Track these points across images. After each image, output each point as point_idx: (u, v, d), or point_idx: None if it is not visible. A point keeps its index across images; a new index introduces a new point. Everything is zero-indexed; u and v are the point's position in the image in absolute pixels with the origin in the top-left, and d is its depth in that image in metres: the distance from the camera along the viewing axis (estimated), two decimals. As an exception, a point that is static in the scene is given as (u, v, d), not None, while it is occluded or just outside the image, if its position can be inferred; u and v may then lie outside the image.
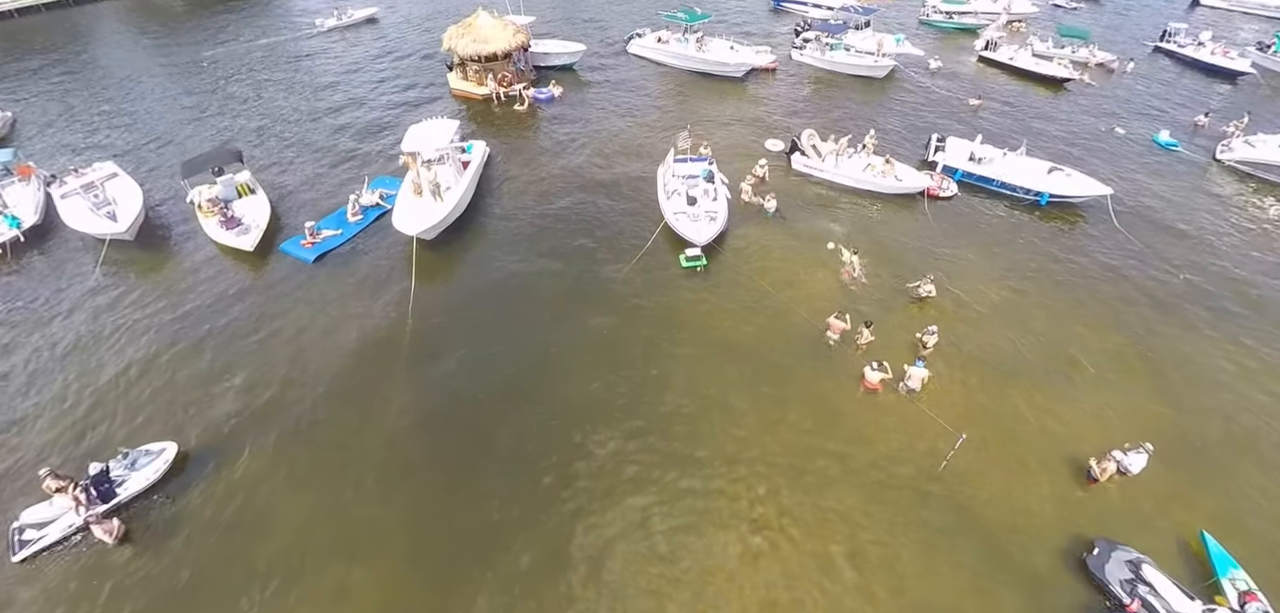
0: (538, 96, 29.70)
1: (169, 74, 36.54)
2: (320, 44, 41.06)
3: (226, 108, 30.93)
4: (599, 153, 25.58)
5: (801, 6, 42.95)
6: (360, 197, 21.54)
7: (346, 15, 43.20)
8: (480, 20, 29.00)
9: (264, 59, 38.49)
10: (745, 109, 29.46)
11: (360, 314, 17.57)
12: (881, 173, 22.14)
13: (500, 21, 29.61)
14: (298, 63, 37.68)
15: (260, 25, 46.02)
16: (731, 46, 32.37)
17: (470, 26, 29.04)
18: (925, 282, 17.25)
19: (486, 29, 28.73)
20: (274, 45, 41.11)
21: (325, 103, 31.02)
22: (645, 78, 33.05)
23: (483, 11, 29.43)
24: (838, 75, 32.86)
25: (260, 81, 34.48)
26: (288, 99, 31.60)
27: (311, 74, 35.47)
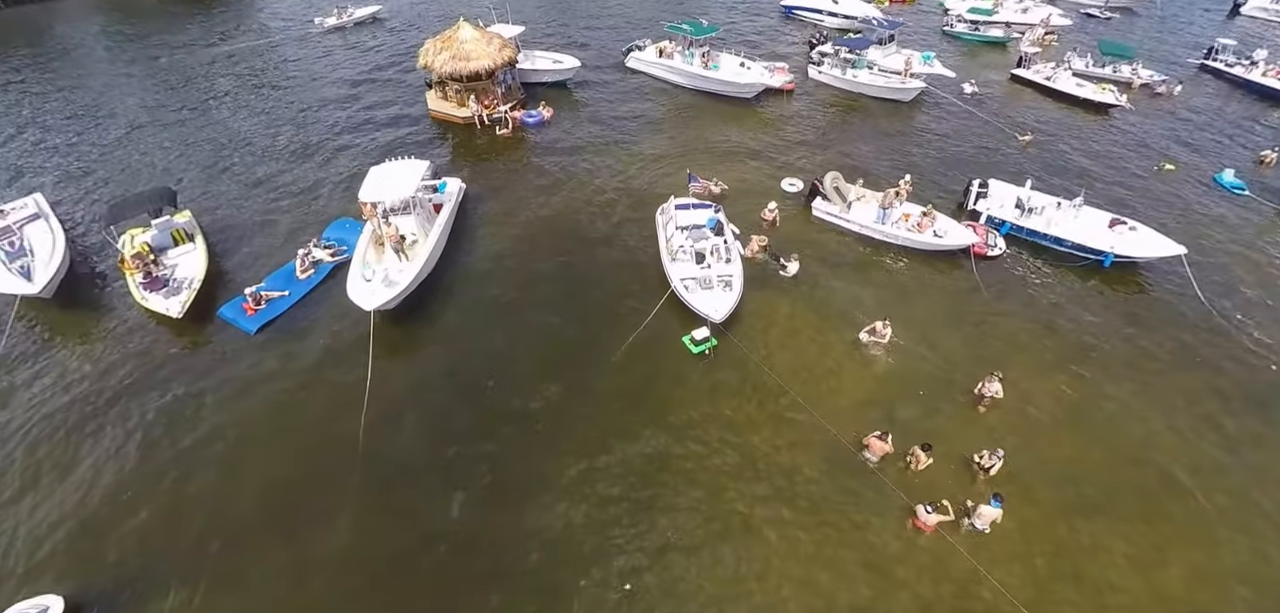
0: (526, 120, 26.63)
1: (127, 83, 33.36)
2: (303, 48, 37.92)
3: (178, 129, 27.76)
4: (591, 188, 22.54)
5: (814, 14, 39.79)
6: (311, 251, 18.56)
7: (348, 13, 40.28)
8: (462, 34, 25.83)
9: (237, 65, 35.30)
10: (756, 136, 26.34)
11: (306, 406, 14.65)
12: (919, 226, 19.19)
13: (484, 35, 26.44)
14: (274, 70, 34.53)
15: (242, 25, 42.78)
16: (742, 63, 29.26)
17: (449, 41, 25.84)
18: (990, 379, 14.31)
19: (469, 45, 25.58)
20: (255, 48, 37.94)
21: (291, 122, 27.89)
22: (646, 97, 29.93)
23: (465, 25, 26.25)
24: (859, 97, 29.72)
25: (222, 95, 31.28)
26: (248, 118, 28.46)
27: (284, 85, 32.30)
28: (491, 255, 19.50)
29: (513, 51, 26.86)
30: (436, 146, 25.69)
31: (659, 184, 22.55)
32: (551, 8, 44.48)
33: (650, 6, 44.27)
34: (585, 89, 30.57)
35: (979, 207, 20.65)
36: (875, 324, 15.70)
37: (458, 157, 25.03)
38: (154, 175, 24.04)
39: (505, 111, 26.51)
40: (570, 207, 21.61)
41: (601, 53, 35.35)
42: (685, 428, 13.89)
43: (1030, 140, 25.98)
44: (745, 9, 44.14)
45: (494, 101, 26.65)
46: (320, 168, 24.12)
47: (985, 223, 20.12)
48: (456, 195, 20.73)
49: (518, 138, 26.22)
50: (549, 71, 29.58)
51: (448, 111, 26.83)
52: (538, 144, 25.69)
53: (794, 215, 21.16)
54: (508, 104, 26.89)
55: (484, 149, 25.54)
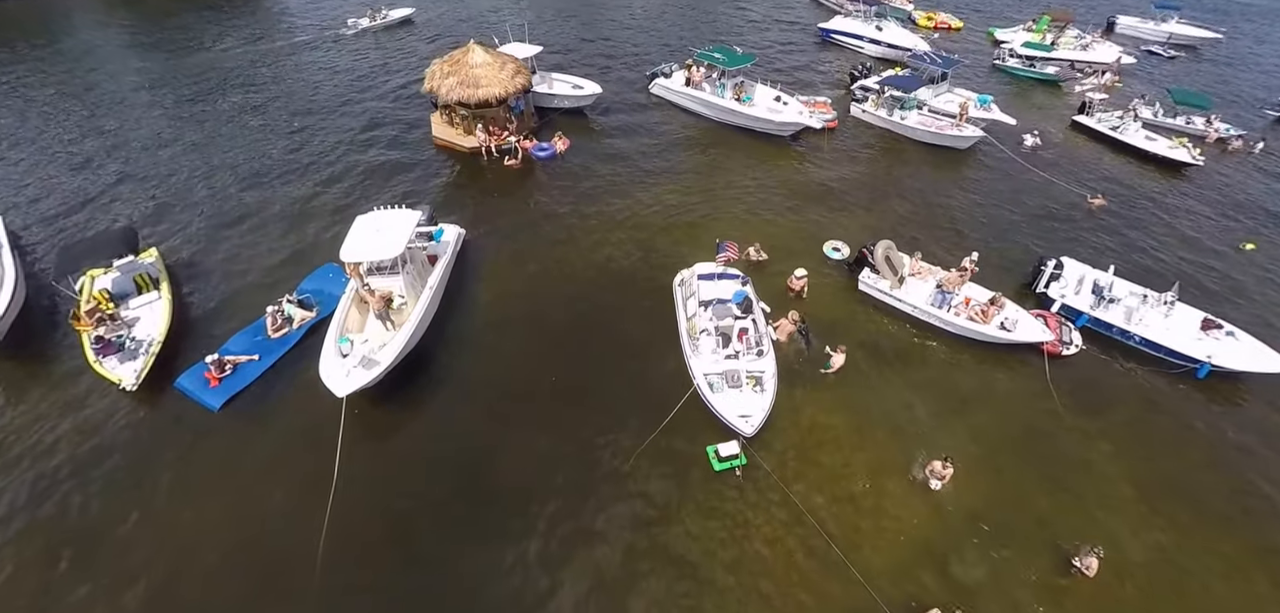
0: (537, 153, 24.31)
1: (114, 90, 31.63)
2: (313, 54, 36.14)
3: (159, 147, 25.89)
4: (606, 242, 20.12)
5: (854, 40, 37.03)
6: (283, 306, 16.45)
7: (382, 16, 39.05)
8: (473, 57, 23.58)
9: (236, 72, 33.48)
10: (791, 182, 23.78)
11: (265, 506, 12.52)
12: (983, 313, 16.63)
13: (496, 59, 24.19)
14: (277, 79, 32.65)
15: (252, 28, 41.05)
16: (778, 97, 26.68)
17: (459, 63, 23.61)
18: (1086, 550, 11.67)
19: (479, 69, 23.32)
20: (261, 54, 36.15)
21: (284, 142, 25.86)
22: (669, 129, 27.45)
23: (475, 47, 23.98)
24: (906, 141, 26.97)
25: (215, 106, 29.39)
26: (239, 136, 26.46)
27: (284, 97, 30.34)
28: (490, 321, 17.22)
29: (526, 78, 24.62)
30: (437, 179, 23.50)
31: (680, 239, 20.12)
32: (574, 24, 42.08)
33: (679, 27, 41.59)
34: (605, 116, 28.20)
35: (1051, 290, 18.04)
36: (934, 464, 13.13)
37: (460, 192, 22.79)
38: (125, 201, 22.02)
39: (515, 142, 24.31)
40: (581, 263, 19.24)
41: (624, 76, 32.97)
42: (701, 581, 11.55)
43: (1101, 203, 23.03)
44: (779, 30, 41.54)
45: (504, 130, 24.46)
46: (309, 200, 21.95)
47: (1058, 311, 17.52)
48: (454, 245, 18.49)
49: (527, 171, 23.99)
50: (567, 98, 27.29)
51: (452, 139, 24.62)
52: (549, 181, 23.40)
53: (833, 284, 18.68)
54: (519, 133, 24.70)
55: (490, 184, 23.29)
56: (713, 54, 27.65)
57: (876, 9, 36.50)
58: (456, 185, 23.11)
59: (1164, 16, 43.25)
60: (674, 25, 42.07)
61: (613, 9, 45.48)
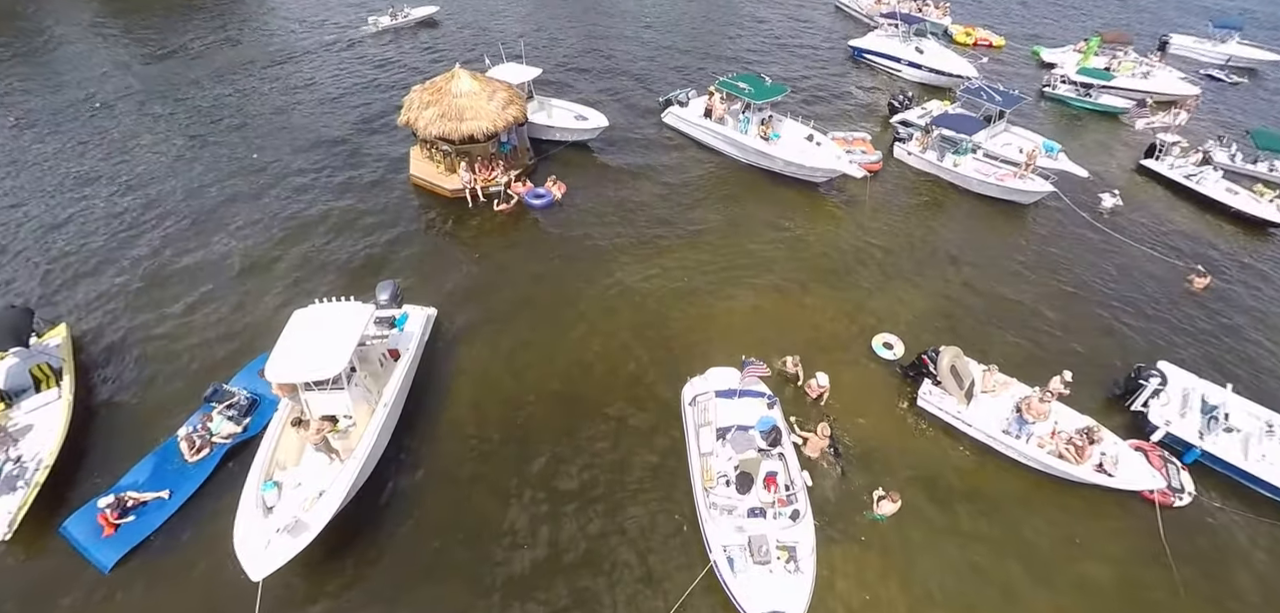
0: (530, 200, 20.88)
1: (63, 106, 28.41)
2: (304, 64, 32.93)
3: (94, 181, 22.79)
4: (606, 330, 16.74)
5: (889, 62, 33.17)
6: (206, 422, 13.27)
7: (403, 14, 37.40)
8: (456, 85, 20.14)
9: (213, 82, 30.25)
10: (822, 240, 20.34)
11: None
12: (1076, 451, 13.36)
13: (486, 87, 20.70)
14: (256, 94, 29.47)
15: (240, 31, 37.70)
16: (810, 135, 23.12)
17: (440, 93, 20.17)
18: None
19: (464, 100, 19.90)
20: (247, 60, 32.95)
21: (242, 178, 22.59)
22: (684, 172, 23.86)
23: (461, 74, 20.51)
24: (956, 188, 23.36)
25: (178, 123, 26.28)
26: (191, 168, 23.23)
27: (258, 116, 27.09)
28: (461, 436, 13.90)
29: (520, 108, 21.18)
30: (412, 233, 20.10)
31: (693, 326, 16.80)
32: (576, 35, 38.40)
33: (694, 42, 37.58)
34: (611, 152, 24.72)
35: (1148, 411, 14.71)
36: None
37: (437, 251, 19.42)
38: (29, 261, 18.79)
39: (506, 184, 21.00)
40: (574, 359, 15.86)
41: (633, 100, 29.35)
42: None
43: (1206, 284, 19.13)
44: (804, 45, 37.70)
45: (492, 169, 21.14)
46: (261, 263, 18.61)
47: (1161, 441, 14.23)
48: (422, 331, 15.26)
49: (518, 221, 20.60)
50: (568, 130, 23.81)
51: (432, 180, 21.24)
52: (542, 239, 20.02)
53: (882, 391, 15.39)
54: (510, 173, 21.36)
55: (473, 240, 19.89)
56: (737, 83, 23.87)
57: (915, 26, 32.69)
58: (434, 241, 19.75)
59: (1223, 36, 39.26)
60: (688, 39, 38.20)
61: (621, 19, 41.86)
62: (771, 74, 32.63)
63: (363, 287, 17.31)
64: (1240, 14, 44.61)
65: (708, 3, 44.69)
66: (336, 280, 17.83)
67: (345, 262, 18.72)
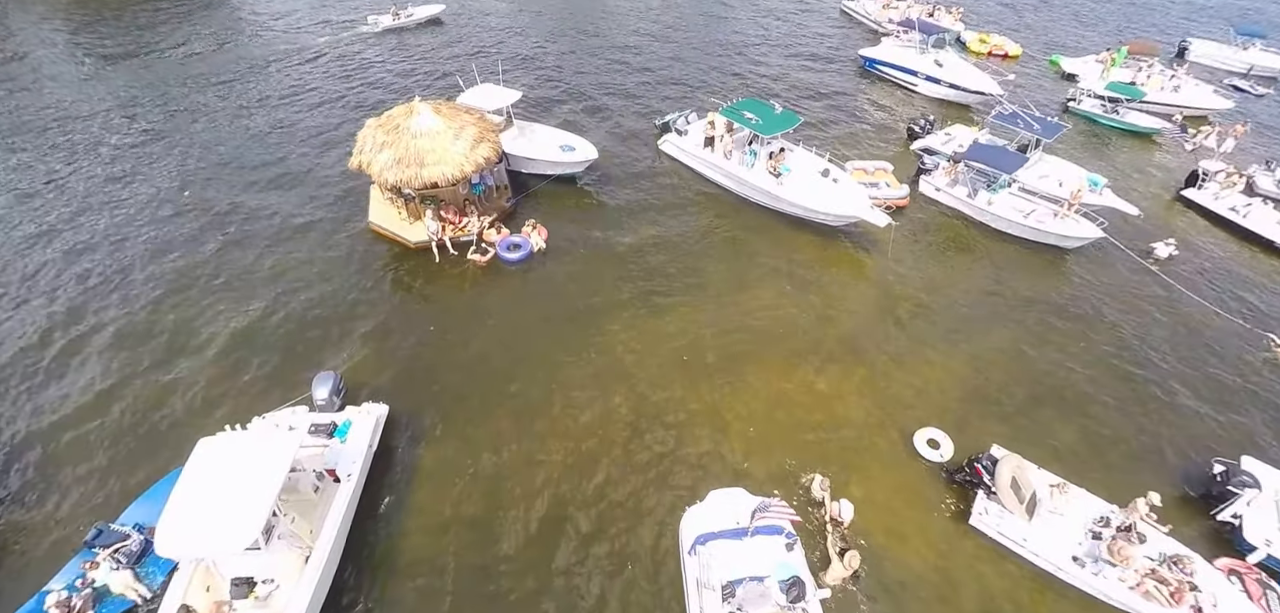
0: (505, 252, 17.90)
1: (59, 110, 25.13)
2: (276, 75, 29.85)
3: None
4: (597, 416, 14.01)
5: (904, 75, 30.28)
6: (93, 568, 10.42)
7: (406, 14, 35.65)
8: (417, 123, 17.06)
9: (163, 96, 26.96)
10: (846, 307, 17.57)
11: None
12: (1171, 596, 10.85)
13: (452, 121, 17.61)
14: (218, 107, 26.31)
15: (208, 34, 34.31)
16: (825, 170, 20.13)
17: (396, 130, 17.13)
18: None
19: (426, 140, 16.87)
20: (209, 71, 29.71)
21: (164, 230, 19.53)
22: (682, 212, 20.94)
23: (422, 108, 17.42)
24: (989, 230, 20.57)
25: (116, 148, 23.07)
26: (96, 227, 20.11)
27: (194, 145, 23.81)
28: (417, 580, 11.15)
29: (494, 146, 18.09)
30: (365, 292, 17.16)
31: (693, 435, 13.90)
32: (574, 45, 35.26)
33: (698, 54, 34.26)
34: (601, 186, 21.77)
35: (1244, 525, 12.27)
36: None
37: (394, 317, 16.48)
38: None
39: (479, 232, 18.18)
40: (559, 463, 13.12)
41: (629, 124, 26.34)
42: None
43: None
44: (811, 55, 34.76)
45: (462, 216, 18.30)
46: (179, 347, 15.48)
47: (1259, 562, 11.80)
48: (370, 438, 12.37)
49: (491, 280, 17.65)
50: (553, 163, 20.81)
51: (394, 229, 18.27)
52: (522, 296, 17.13)
53: (922, 495, 12.83)
54: (484, 219, 18.51)
55: (440, 302, 16.99)
56: (743, 112, 20.88)
57: (933, 37, 29.89)
58: (392, 307, 16.76)
59: (1245, 43, 37.03)
60: (686, 47, 35.15)
61: (616, 27, 38.86)
62: (775, 88, 30.05)
63: (300, 370, 14.56)
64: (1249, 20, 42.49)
65: (706, 10, 41.73)
66: (266, 367, 14.91)
67: (282, 336, 15.78)
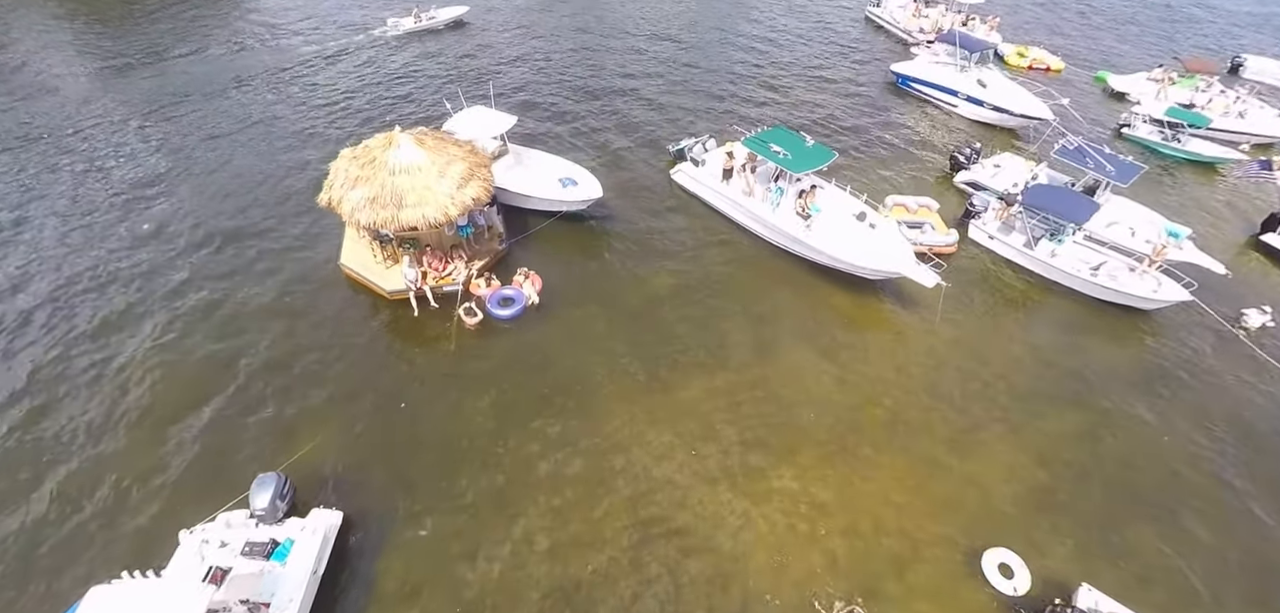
0: (495, 307, 15.40)
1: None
2: (265, 88, 27.47)
3: None
4: (596, 546, 11.53)
5: (944, 99, 27.41)
6: None
7: (428, 16, 34.02)
8: (396, 156, 14.56)
9: (156, 109, 24.78)
10: (888, 382, 15.03)
11: None
12: None
13: (438, 154, 15.12)
14: (205, 123, 24.03)
15: (203, 39, 32.14)
16: (861, 214, 17.47)
17: (373, 164, 14.70)
18: None
19: (405, 177, 14.40)
20: (190, 83, 27.47)
21: (109, 265, 17.26)
22: (701, 255, 18.43)
23: (403, 140, 14.93)
24: (1050, 284, 17.92)
25: (75, 171, 20.79)
26: (64, 258, 17.89)
27: (188, 167, 21.59)
28: None
29: (485, 184, 15.57)
30: (326, 356, 14.71)
31: (704, 521, 11.71)
32: (581, 55, 32.63)
33: (721, 68, 31.12)
34: (606, 225, 19.27)
35: None
36: None
37: (359, 388, 14.03)
38: None
39: (465, 281, 15.80)
40: (546, 585, 10.74)
41: (632, 147, 23.78)
42: None
43: None
44: (836, 70, 31.90)
45: (447, 261, 15.97)
46: (108, 431, 13.11)
47: None
48: (314, 566, 9.98)
49: (479, 336, 15.21)
50: (552, 200, 18.26)
51: (368, 275, 15.87)
52: (509, 361, 14.66)
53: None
54: (472, 266, 16.18)
55: (413, 367, 14.55)
56: (769, 145, 18.20)
57: (976, 53, 26.95)
58: (357, 376, 14.30)
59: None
60: (722, 71, 31.36)
61: (631, 34, 36.34)
62: (800, 111, 27.43)
63: (246, 455, 12.36)
64: None
65: (725, 23, 39.11)
66: (204, 453, 12.57)
67: (229, 411, 13.42)
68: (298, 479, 11.74)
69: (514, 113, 19.56)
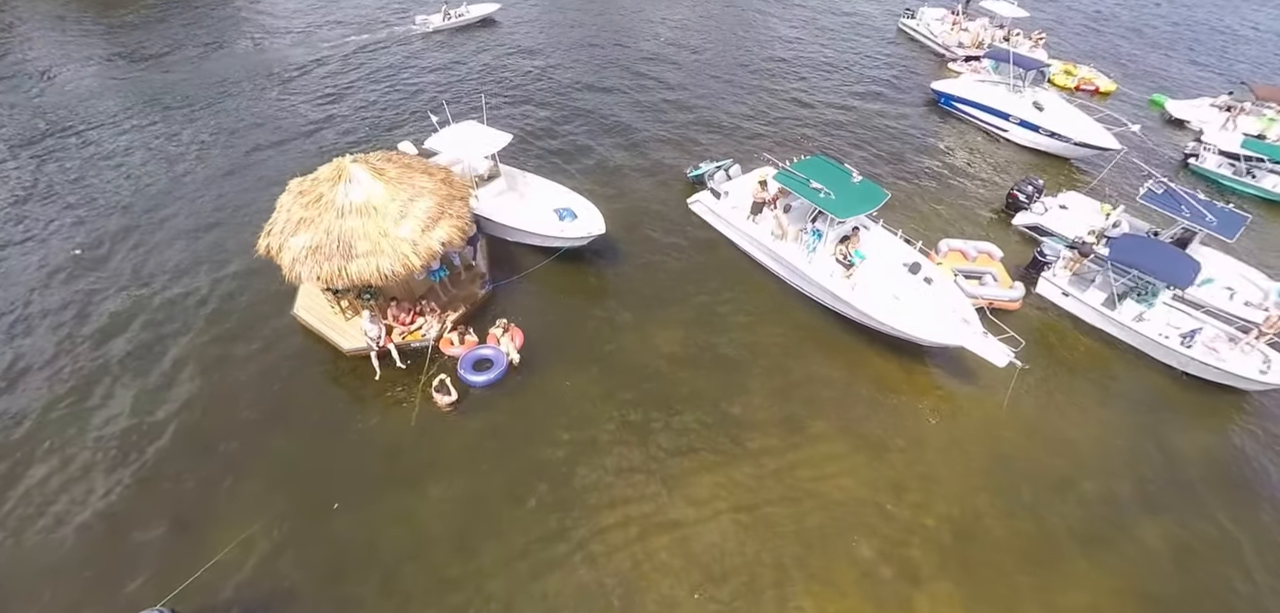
0: (468, 374, 12.60)
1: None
2: (252, 96, 24.80)
3: None
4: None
5: (992, 124, 24.28)
6: None
7: (457, 13, 32.63)
8: (345, 193, 11.79)
9: (149, 113, 22.16)
10: (942, 475, 12.22)
11: None
12: None
13: (401, 188, 12.34)
14: (193, 137, 21.40)
15: (196, 41, 29.66)
16: (915, 265, 14.58)
17: (318, 202, 11.89)
18: None
19: (356, 220, 11.69)
20: (180, 90, 24.89)
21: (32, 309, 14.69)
22: (719, 303, 15.62)
23: (355, 168, 12.12)
24: (1130, 351, 15.03)
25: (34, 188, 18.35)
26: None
27: (159, 195, 18.95)
28: None
29: (457, 226, 12.66)
30: (265, 431, 12.07)
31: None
32: (571, 73, 30.11)
33: (748, 91, 27.29)
34: (608, 264, 16.46)
35: None
36: None
37: (301, 467, 11.43)
38: None
39: (437, 335, 13.10)
40: None
41: (652, 174, 20.78)
42: None
43: None
44: (865, 91, 28.73)
45: (415, 313, 13.30)
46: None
47: None
48: None
49: (449, 415, 12.37)
50: (546, 236, 15.50)
51: (324, 328, 13.20)
52: (482, 441, 11.92)
53: None
54: (447, 316, 13.49)
55: (366, 448, 11.78)
56: (808, 182, 14.96)
57: (1031, 72, 23.75)
58: (298, 452, 11.66)
59: (1383, 84, 30.94)
60: (754, 79, 28.31)
61: (651, 38, 33.60)
62: (823, 124, 24.57)
63: (139, 581, 9.69)
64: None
65: (751, 33, 36.31)
66: (87, 566, 9.91)
67: (111, 509, 10.76)
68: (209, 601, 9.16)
69: (522, 122, 16.87)
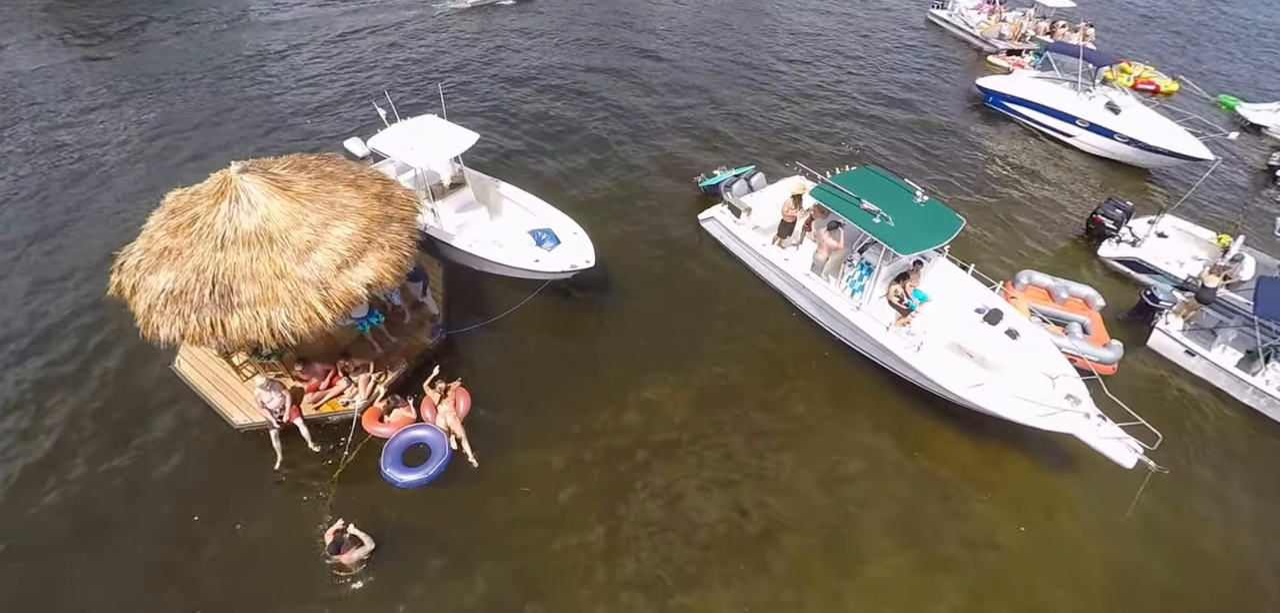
0: (397, 472, 8.85)
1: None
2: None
3: None
4: None
5: (1055, 129, 20.50)
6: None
7: None
8: (227, 217, 8.36)
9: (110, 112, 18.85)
10: (1044, 602, 8.82)
11: None
12: None
13: (314, 203, 8.87)
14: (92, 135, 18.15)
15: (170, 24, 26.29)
16: (996, 313, 11.06)
17: (197, 227, 8.39)
18: None
19: (246, 252, 8.26)
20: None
21: None
22: (735, 350, 12.20)
23: (246, 180, 8.60)
24: (1261, 419, 11.69)
25: None
26: None
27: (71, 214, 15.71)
28: None
29: (390, 260, 9.11)
30: (98, 559, 8.60)
31: None
32: (560, 71, 26.60)
33: (769, 90, 23.13)
34: (595, 298, 13.01)
35: None
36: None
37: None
38: None
39: (362, 408, 9.72)
40: None
41: (661, 180, 17.25)
42: None
43: None
44: (893, 97, 24.65)
45: (337, 376, 9.94)
46: None
47: None
48: None
49: (367, 502, 8.85)
50: (521, 270, 11.98)
51: (207, 393, 9.79)
52: (406, 578, 8.46)
53: None
54: (377, 380, 9.99)
55: (245, 581, 8.29)
56: (857, 200, 11.23)
57: (1100, 70, 20.05)
58: (137, 589, 8.27)
59: None
60: (779, 92, 23.58)
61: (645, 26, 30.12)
62: (856, 124, 21.09)
63: None
64: None
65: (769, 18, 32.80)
66: None
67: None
68: None
69: (517, 115, 13.59)
